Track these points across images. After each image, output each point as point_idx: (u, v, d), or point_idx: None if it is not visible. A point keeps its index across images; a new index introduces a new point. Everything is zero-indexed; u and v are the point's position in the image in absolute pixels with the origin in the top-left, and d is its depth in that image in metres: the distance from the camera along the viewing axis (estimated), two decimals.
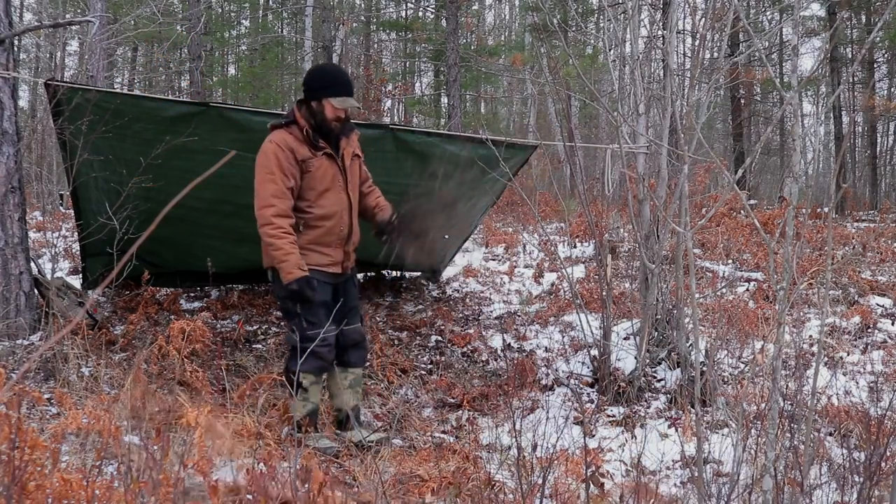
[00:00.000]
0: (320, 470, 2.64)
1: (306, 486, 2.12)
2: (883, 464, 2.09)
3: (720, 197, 4.74)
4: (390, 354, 4.70)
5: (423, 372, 4.62)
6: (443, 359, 4.85)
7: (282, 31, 21.74)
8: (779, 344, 2.01)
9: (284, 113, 3.59)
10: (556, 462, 2.89)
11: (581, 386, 4.35)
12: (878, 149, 19.25)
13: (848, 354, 4.75)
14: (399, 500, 2.65)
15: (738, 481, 2.21)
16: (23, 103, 16.93)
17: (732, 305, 5.55)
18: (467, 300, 6.40)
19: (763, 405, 2.61)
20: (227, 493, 2.27)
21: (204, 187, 2.16)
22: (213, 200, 4.77)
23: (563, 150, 9.44)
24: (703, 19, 4.72)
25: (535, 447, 2.93)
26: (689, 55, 15.99)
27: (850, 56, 17.59)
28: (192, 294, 6.03)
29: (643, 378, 4.17)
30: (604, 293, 4.30)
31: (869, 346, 4.94)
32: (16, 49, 7.65)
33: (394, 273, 6.76)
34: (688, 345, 4.23)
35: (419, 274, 6.87)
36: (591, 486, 2.68)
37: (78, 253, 5.45)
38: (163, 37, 16.86)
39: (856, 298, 6.10)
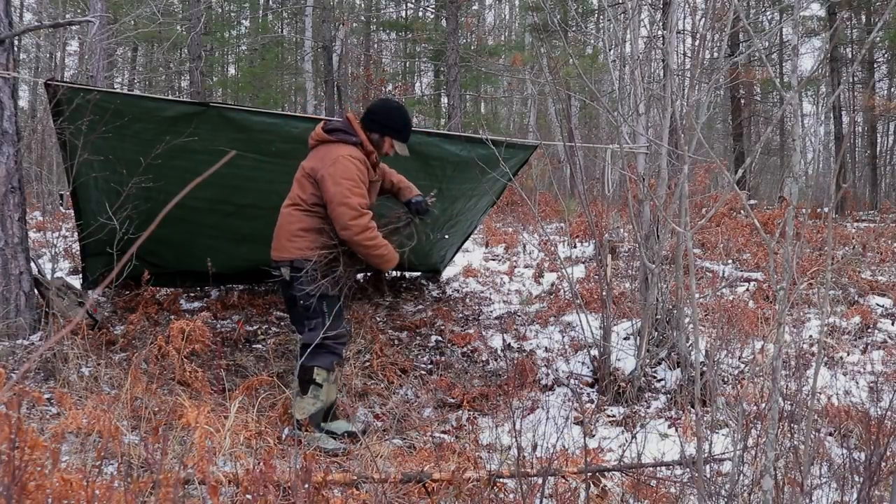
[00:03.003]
0: (320, 470, 2.65)
1: (306, 485, 2.12)
2: (883, 464, 2.09)
3: (720, 197, 4.74)
4: (390, 354, 4.70)
5: (423, 372, 4.62)
6: (443, 359, 4.85)
7: (282, 31, 21.75)
8: (779, 344, 2.01)
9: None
10: (555, 462, 2.89)
11: (581, 386, 4.35)
12: (878, 149, 19.26)
13: (848, 354, 4.75)
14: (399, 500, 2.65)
15: (738, 481, 2.21)
16: (23, 103, 16.94)
17: (732, 305, 5.55)
18: (467, 300, 6.40)
19: (763, 405, 2.61)
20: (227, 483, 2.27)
21: (204, 187, 2.16)
22: (213, 200, 4.77)
23: (563, 150, 9.44)
24: (703, 19, 4.72)
25: (535, 447, 2.93)
26: (689, 55, 15.99)
27: (850, 56, 17.59)
28: (192, 294, 6.03)
29: (643, 378, 4.17)
30: (604, 293, 4.30)
31: (869, 346, 4.94)
32: (16, 49, 7.64)
33: (394, 273, 6.76)
34: (688, 345, 4.23)
35: (419, 274, 6.87)
36: (591, 485, 2.68)
37: (78, 253, 5.45)
38: (163, 37, 16.87)
39: (856, 298, 6.10)
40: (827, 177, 18.63)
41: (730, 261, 7.66)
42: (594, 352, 4.43)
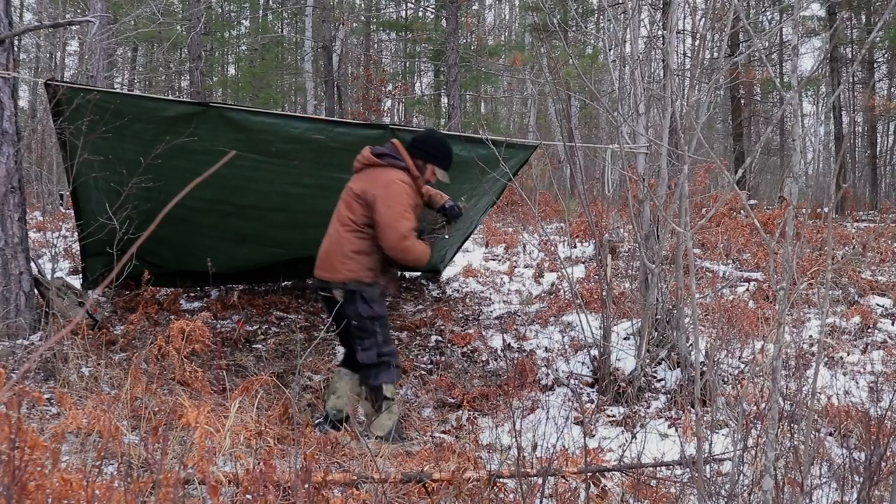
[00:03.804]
0: (320, 470, 2.65)
1: (306, 485, 2.12)
2: (883, 464, 2.09)
3: (720, 197, 4.74)
4: None
5: (423, 372, 4.62)
6: (443, 359, 4.85)
7: (282, 31, 21.74)
8: (779, 344, 2.01)
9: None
10: (555, 462, 2.89)
11: (581, 386, 4.35)
12: (878, 149, 19.25)
13: (848, 354, 4.75)
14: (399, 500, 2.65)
15: (738, 481, 2.21)
16: (23, 103, 16.93)
17: (732, 305, 5.55)
18: (467, 300, 6.40)
19: (763, 405, 2.61)
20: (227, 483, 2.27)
21: (204, 187, 2.16)
22: (213, 200, 4.77)
23: (563, 150, 9.44)
24: (703, 19, 4.72)
25: (535, 447, 2.93)
26: (689, 55, 15.99)
27: (850, 56, 17.58)
28: (192, 294, 6.03)
29: (643, 378, 4.17)
30: (604, 293, 4.30)
31: (869, 346, 4.94)
32: (16, 49, 7.64)
33: None
34: (688, 345, 4.23)
35: (419, 274, 6.87)
36: (591, 485, 2.68)
37: (78, 253, 5.46)
38: (163, 37, 16.86)
39: (856, 298, 6.10)
40: (827, 177, 18.62)
41: (730, 261, 7.66)
42: (594, 352, 4.43)
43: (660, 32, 7.56)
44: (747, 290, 6.37)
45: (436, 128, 15.01)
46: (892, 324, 5.45)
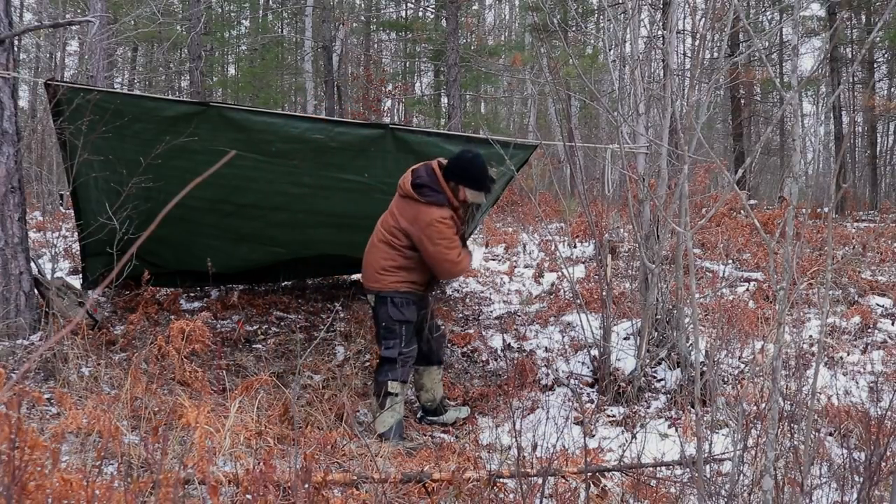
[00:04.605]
0: (320, 470, 2.65)
1: (306, 485, 2.12)
2: (883, 464, 2.09)
3: (720, 197, 4.74)
4: None
5: None
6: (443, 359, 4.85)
7: (282, 31, 21.73)
8: (779, 344, 2.01)
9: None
10: (555, 462, 2.89)
11: (581, 386, 4.35)
12: (878, 149, 19.25)
13: (848, 354, 4.75)
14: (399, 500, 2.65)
15: (738, 481, 2.21)
16: (23, 103, 16.92)
17: (732, 305, 5.55)
18: (467, 300, 6.40)
19: (763, 405, 2.61)
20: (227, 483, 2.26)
21: (204, 187, 2.16)
22: (213, 200, 4.77)
23: (563, 150, 9.44)
24: (703, 19, 4.72)
25: (535, 447, 2.93)
26: (689, 55, 15.99)
27: (850, 56, 17.58)
28: (192, 294, 6.03)
29: (643, 378, 4.17)
30: (604, 293, 4.30)
31: (869, 346, 4.94)
32: (16, 49, 7.64)
33: None
34: (688, 345, 4.23)
35: None
36: (591, 485, 2.68)
37: (78, 253, 5.45)
38: (163, 37, 16.87)
39: (856, 298, 6.09)
40: (827, 177, 18.61)
41: (730, 261, 7.66)
42: (594, 352, 4.43)
43: (660, 32, 7.56)
44: (747, 290, 6.37)
45: (437, 128, 15.00)
46: (892, 324, 5.45)
